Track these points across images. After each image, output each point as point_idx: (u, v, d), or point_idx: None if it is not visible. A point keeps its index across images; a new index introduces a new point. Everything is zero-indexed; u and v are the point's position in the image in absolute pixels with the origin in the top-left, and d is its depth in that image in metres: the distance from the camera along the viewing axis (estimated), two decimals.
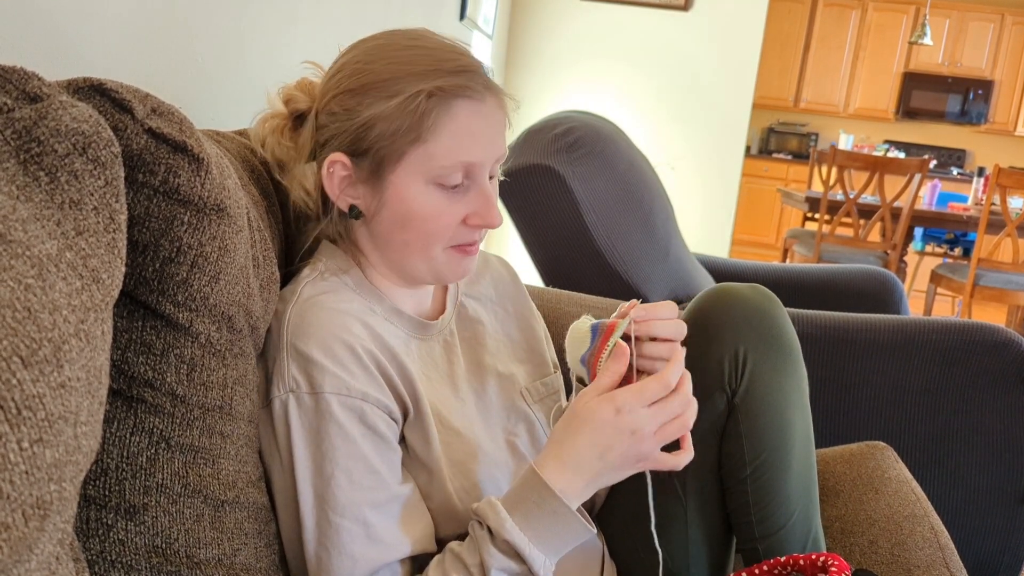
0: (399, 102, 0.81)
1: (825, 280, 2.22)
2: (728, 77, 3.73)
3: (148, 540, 0.65)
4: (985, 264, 3.81)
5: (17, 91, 0.54)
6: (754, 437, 0.93)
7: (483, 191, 0.86)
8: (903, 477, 1.16)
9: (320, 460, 0.79)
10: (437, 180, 0.84)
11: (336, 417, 0.79)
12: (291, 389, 0.79)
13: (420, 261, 0.88)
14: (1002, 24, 6.88)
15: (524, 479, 0.80)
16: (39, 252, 0.48)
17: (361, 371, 0.82)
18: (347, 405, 0.80)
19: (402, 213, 0.85)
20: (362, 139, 0.83)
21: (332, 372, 0.80)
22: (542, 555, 0.78)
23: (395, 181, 0.84)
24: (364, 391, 0.81)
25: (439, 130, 0.82)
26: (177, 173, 0.64)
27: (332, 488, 0.78)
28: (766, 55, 6.95)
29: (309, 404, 0.79)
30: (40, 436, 0.43)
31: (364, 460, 0.80)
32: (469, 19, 2.91)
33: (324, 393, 0.79)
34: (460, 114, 0.82)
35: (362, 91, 0.83)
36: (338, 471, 0.79)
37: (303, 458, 0.79)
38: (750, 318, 0.94)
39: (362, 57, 0.86)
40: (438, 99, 0.81)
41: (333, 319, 0.83)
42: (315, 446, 0.79)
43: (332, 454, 0.79)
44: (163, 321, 0.66)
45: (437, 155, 0.82)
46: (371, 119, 0.82)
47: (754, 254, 6.93)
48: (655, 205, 1.87)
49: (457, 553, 0.79)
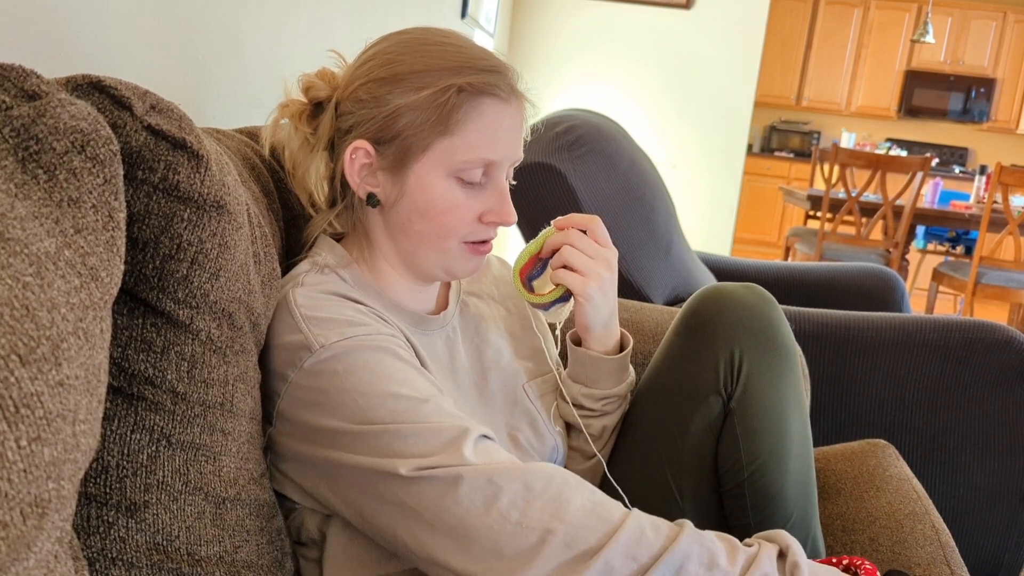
0: (429, 94, 0.83)
1: (827, 278, 2.22)
2: (730, 75, 3.73)
3: (149, 537, 0.65)
4: (987, 262, 3.81)
5: (15, 88, 0.54)
6: (751, 440, 0.93)
7: (500, 189, 0.88)
8: (904, 475, 1.16)
9: (380, 386, 0.77)
10: (458, 174, 0.85)
11: (379, 345, 0.79)
12: (321, 344, 0.78)
13: (433, 253, 0.89)
14: (1004, 22, 6.86)
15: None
16: (37, 250, 0.48)
17: (380, 325, 0.83)
18: (382, 342, 0.80)
19: (421, 204, 0.86)
20: (389, 127, 0.84)
21: (360, 322, 0.81)
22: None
23: (418, 171, 0.85)
24: (391, 333, 0.82)
25: (466, 125, 0.83)
26: (176, 170, 0.64)
27: (403, 395, 0.76)
28: (768, 53, 6.95)
29: (346, 348, 0.78)
30: (38, 434, 0.43)
31: (416, 370, 0.80)
32: (471, 17, 2.91)
33: (358, 336, 0.79)
34: (487, 111, 0.84)
35: (393, 80, 0.84)
36: (402, 385, 0.77)
37: (365, 384, 0.76)
38: (745, 319, 0.94)
39: (394, 48, 0.87)
40: (468, 94, 0.83)
41: (338, 301, 0.84)
42: (368, 378, 0.77)
43: (390, 371, 0.78)
44: (163, 318, 0.66)
45: (461, 149, 0.84)
46: (400, 108, 0.84)
47: (756, 252, 6.93)
48: (657, 203, 1.86)
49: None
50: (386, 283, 0.93)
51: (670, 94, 3.79)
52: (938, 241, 5.57)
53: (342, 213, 0.93)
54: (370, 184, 0.88)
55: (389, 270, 0.93)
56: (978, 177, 4.96)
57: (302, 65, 1.44)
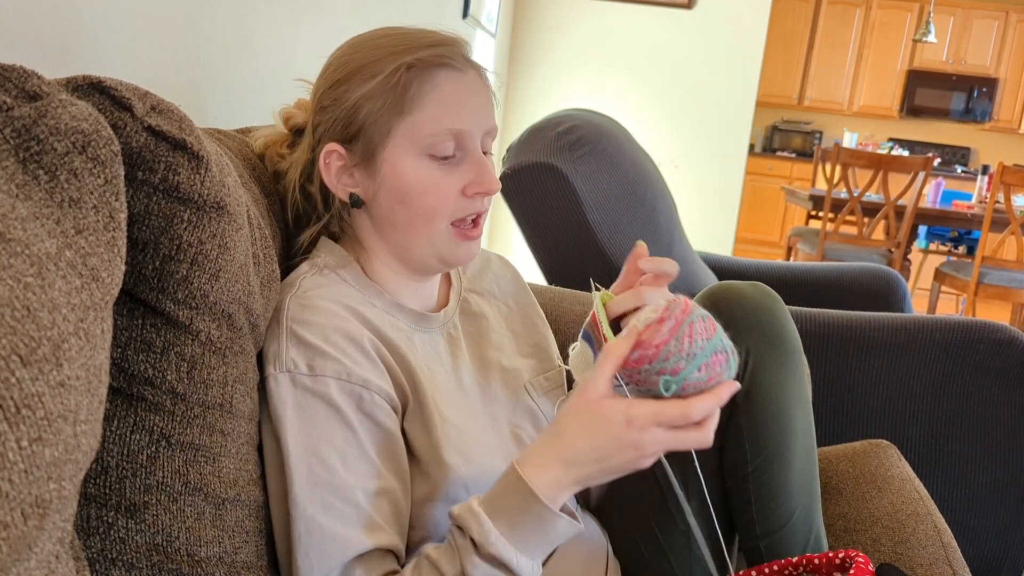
0: (381, 79, 0.84)
1: (829, 278, 2.22)
2: (732, 75, 3.73)
3: (149, 538, 0.65)
4: (989, 262, 3.80)
5: (17, 89, 0.54)
6: (756, 435, 0.93)
7: (477, 159, 0.88)
8: (906, 475, 1.16)
9: (315, 441, 0.77)
10: (428, 151, 0.85)
11: (334, 400, 0.78)
12: (288, 369, 0.79)
13: (423, 240, 0.88)
14: (1007, 22, 6.85)
15: (506, 482, 0.76)
16: (38, 251, 0.48)
17: (363, 358, 0.82)
18: (346, 390, 0.79)
19: (399, 189, 0.86)
20: (351, 123, 0.85)
21: (333, 357, 0.79)
22: (529, 560, 0.74)
23: (388, 158, 0.85)
24: (366, 377, 0.80)
25: (423, 99, 0.84)
26: (177, 171, 0.64)
27: (327, 470, 0.77)
28: (770, 53, 6.93)
29: (307, 385, 0.78)
30: (39, 435, 0.43)
31: (360, 446, 0.79)
32: (472, 17, 2.91)
33: (324, 376, 0.79)
34: (442, 82, 0.85)
35: (347, 79, 0.86)
36: (333, 453, 0.77)
37: (296, 437, 0.77)
38: (751, 316, 0.94)
39: (345, 50, 0.89)
40: (418, 70, 0.84)
41: (333, 310, 0.83)
42: (311, 426, 0.78)
43: (328, 435, 0.78)
44: (163, 319, 0.66)
45: (424, 124, 0.84)
46: (357, 101, 0.85)
47: (758, 252, 6.92)
48: (658, 203, 1.86)
49: (435, 560, 0.75)
50: (385, 283, 0.93)
51: (672, 94, 3.79)
52: (940, 241, 5.56)
53: (332, 220, 0.93)
54: (348, 185, 0.89)
55: (385, 269, 0.92)
56: (980, 177, 4.96)
57: (304, 66, 1.44)
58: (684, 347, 0.71)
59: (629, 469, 0.74)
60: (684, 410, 0.70)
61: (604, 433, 0.73)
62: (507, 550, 0.73)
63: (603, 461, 0.73)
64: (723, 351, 0.73)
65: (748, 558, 0.97)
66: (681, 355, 0.71)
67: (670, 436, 0.71)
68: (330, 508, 0.76)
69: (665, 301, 0.76)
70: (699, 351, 0.71)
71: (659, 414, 0.71)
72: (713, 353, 0.71)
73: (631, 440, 0.71)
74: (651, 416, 0.71)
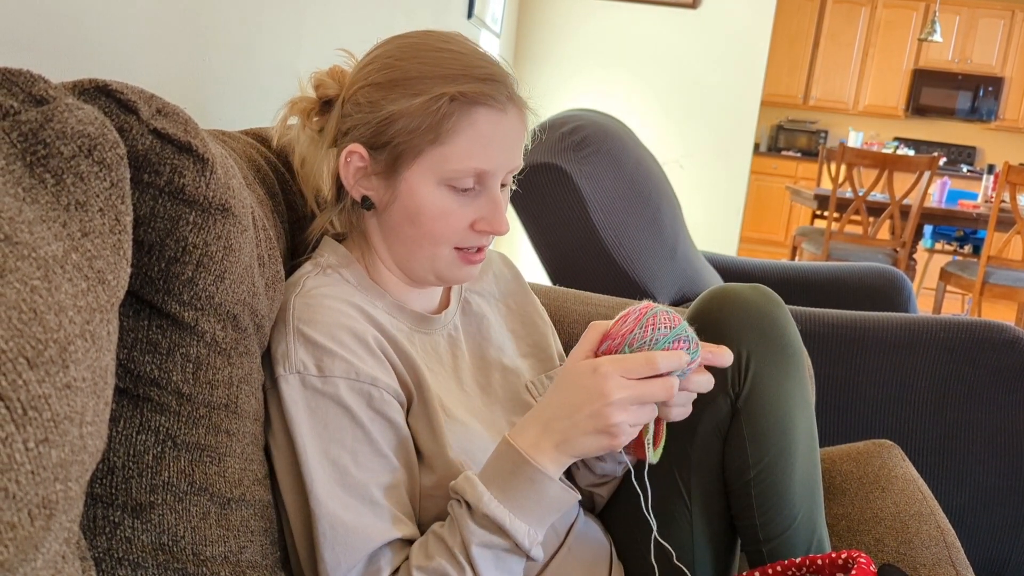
0: (422, 101, 0.83)
1: (834, 278, 2.22)
2: (736, 74, 3.72)
3: (154, 538, 0.65)
4: (995, 262, 3.79)
5: (23, 94, 0.54)
6: (758, 440, 0.93)
7: (493, 198, 0.87)
8: (909, 475, 1.16)
9: (327, 442, 0.79)
10: (448, 182, 0.85)
11: (344, 400, 0.80)
12: (297, 370, 0.80)
13: (425, 258, 0.89)
14: (1012, 20, 6.83)
15: (497, 449, 0.80)
16: (45, 254, 0.49)
17: (369, 356, 0.83)
18: (355, 389, 0.80)
19: (412, 209, 0.86)
20: (382, 133, 0.85)
21: (341, 356, 0.80)
22: (525, 525, 0.76)
23: (409, 178, 0.85)
24: (373, 375, 0.82)
25: (457, 134, 0.83)
26: (182, 173, 0.64)
27: (342, 468, 0.79)
28: (775, 52, 6.92)
29: (316, 386, 0.80)
30: (46, 436, 0.44)
31: (372, 444, 0.81)
32: (477, 17, 2.91)
33: (333, 377, 0.80)
34: (479, 121, 0.84)
35: (388, 86, 0.85)
36: (345, 453, 0.79)
37: (310, 438, 0.79)
38: (752, 320, 0.94)
39: (394, 53, 0.87)
40: (460, 103, 0.83)
41: (338, 308, 0.84)
42: (322, 427, 0.79)
43: (340, 436, 0.79)
44: (169, 320, 0.66)
45: (452, 158, 0.84)
46: (393, 114, 0.84)
47: (763, 252, 6.91)
48: (663, 203, 1.86)
49: (439, 535, 0.79)
50: (388, 285, 0.93)
51: (676, 93, 3.79)
52: (946, 240, 5.55)
53: (341, 213, 0.94)
54: (364, 187, 0.89)
55: (386, 271, 0.94)
56: (986, 176, 4.94)
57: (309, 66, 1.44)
58: (648, 334, 0.78)
59: (601, 423, 0.74)
60: (647, 359, 0.74)
61: (572, 383, 0.77)
62: (500, 511, 0.76)
63: (574, 414, 0.76)
64: (686, 339, 0.78)
65: (751, 562, 0.97)
66: (645, 340, 0.77)
67: (634, 383, 0.74)
68: (350, 504, 0.78)
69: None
70: (661, 337, 0.77)
71: (622, 362, 0.75)
72: (675, 340, 0.78)
73: (596, 388, 0.74)
74: (615, 363, 0.75)
